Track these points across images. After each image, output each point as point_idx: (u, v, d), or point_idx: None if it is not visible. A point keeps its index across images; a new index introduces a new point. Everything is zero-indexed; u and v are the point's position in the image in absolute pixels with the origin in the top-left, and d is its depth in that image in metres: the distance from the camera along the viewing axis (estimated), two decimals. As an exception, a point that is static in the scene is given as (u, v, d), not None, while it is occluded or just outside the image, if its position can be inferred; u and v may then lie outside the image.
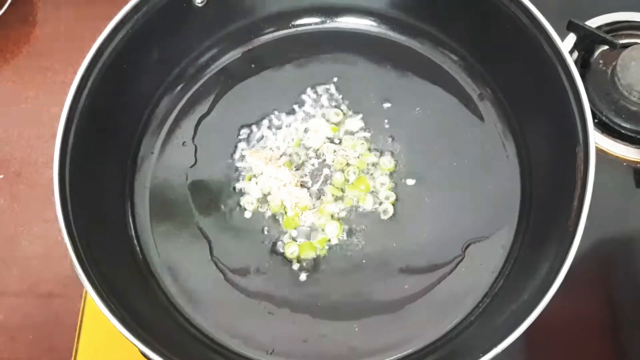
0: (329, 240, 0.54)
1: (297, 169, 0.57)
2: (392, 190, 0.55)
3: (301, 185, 0.56)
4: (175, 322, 0.52)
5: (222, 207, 0.56)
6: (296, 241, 0.54)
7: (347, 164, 0.56)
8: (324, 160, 0.57)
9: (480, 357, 0.41)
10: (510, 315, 0.44)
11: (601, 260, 0.55)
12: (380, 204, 0.55)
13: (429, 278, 0.52)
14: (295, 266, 0.53)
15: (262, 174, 0.56)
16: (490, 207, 0.54)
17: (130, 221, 0.55)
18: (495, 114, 0.58)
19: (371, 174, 0.56)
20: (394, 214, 0.55)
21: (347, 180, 0.56)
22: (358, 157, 0.57)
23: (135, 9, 0.52)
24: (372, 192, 0.56)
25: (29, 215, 0.60)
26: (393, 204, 0.55)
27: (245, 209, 0.55)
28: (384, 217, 0.55)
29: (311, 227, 0.55)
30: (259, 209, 0.55)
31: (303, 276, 0.53)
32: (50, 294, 0.57)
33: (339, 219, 0.55)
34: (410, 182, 0.56)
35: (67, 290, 0.56)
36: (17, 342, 0.56)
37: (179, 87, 0.60)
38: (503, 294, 0.50)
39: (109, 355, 0.54)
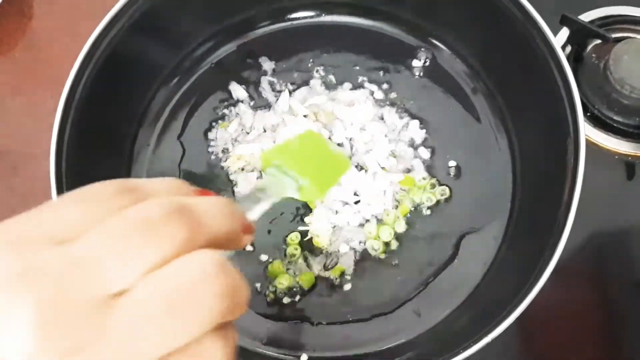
0: (344, 271, 0.53)
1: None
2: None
3: None
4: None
5: (218, 198, 0.56)
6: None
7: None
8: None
9: (471, 346, 0.42)
10: (501, 305, 0.44)
11: (594, 252, 0.55)
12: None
13: (425, 273, 0.53)
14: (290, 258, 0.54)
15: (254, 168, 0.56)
16: (482, 199, 0.55)
17: (127, 213, 0.56)
18: (488, 108, 0.58)
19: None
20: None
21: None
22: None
23: (131, 2, 0.52)
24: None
25: (27, 208, 0.60)
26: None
27: (239, 200, 0.56)
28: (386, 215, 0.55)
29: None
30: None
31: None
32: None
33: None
34: (405, 175, 0.56)
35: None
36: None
37: (174, 81, 0.60)
38: (494, 285, 0.51)
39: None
